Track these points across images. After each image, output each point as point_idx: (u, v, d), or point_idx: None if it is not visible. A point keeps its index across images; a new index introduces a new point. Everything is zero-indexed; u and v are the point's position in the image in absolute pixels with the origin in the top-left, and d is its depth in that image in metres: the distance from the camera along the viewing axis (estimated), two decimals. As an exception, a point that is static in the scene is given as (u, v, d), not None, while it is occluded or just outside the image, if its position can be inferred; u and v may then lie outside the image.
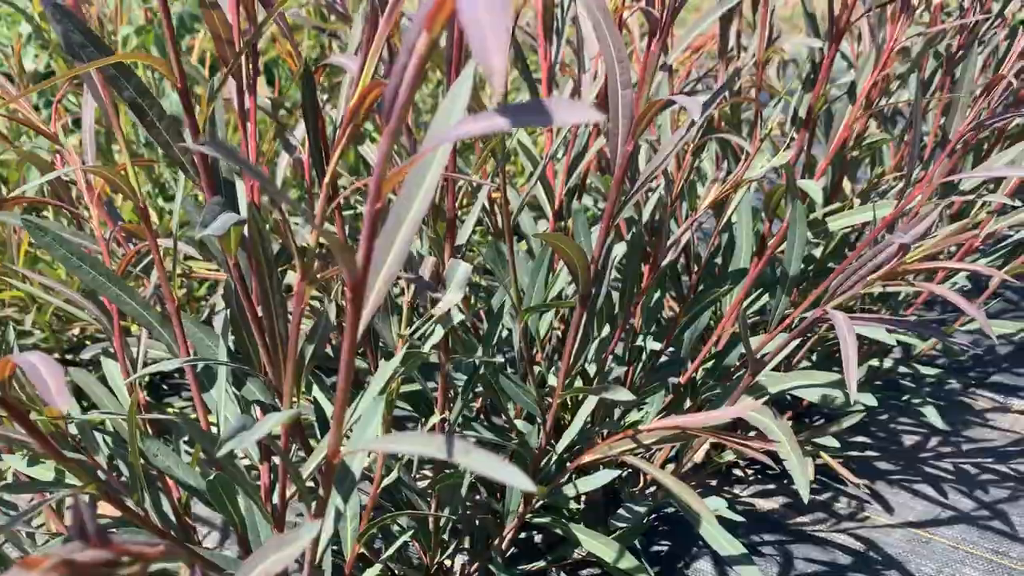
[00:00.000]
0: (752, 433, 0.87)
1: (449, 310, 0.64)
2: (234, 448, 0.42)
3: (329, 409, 0.76)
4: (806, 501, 0.65)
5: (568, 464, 0.74)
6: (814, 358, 1.13)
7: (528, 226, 1.02)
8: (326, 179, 0.40)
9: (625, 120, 0.62)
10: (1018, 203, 0.78)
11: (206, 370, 0.80)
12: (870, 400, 0.78)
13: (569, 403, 1.03)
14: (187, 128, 0.68)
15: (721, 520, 1.02)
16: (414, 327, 0.63)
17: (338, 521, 0.72)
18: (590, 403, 0.78)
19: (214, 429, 0.74)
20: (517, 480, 0.34)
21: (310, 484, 0.57)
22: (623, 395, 0.66)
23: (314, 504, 0.46)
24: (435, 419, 0.68)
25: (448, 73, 0.64)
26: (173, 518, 0.79)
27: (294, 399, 0.67)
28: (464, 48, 0.62)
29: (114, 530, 0.69)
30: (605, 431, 0.99)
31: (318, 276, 0.47)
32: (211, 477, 0.60)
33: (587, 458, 0.71)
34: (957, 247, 1.19)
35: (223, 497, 0.65)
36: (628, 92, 0.61)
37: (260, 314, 0.57)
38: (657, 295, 1.10)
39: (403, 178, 0.35)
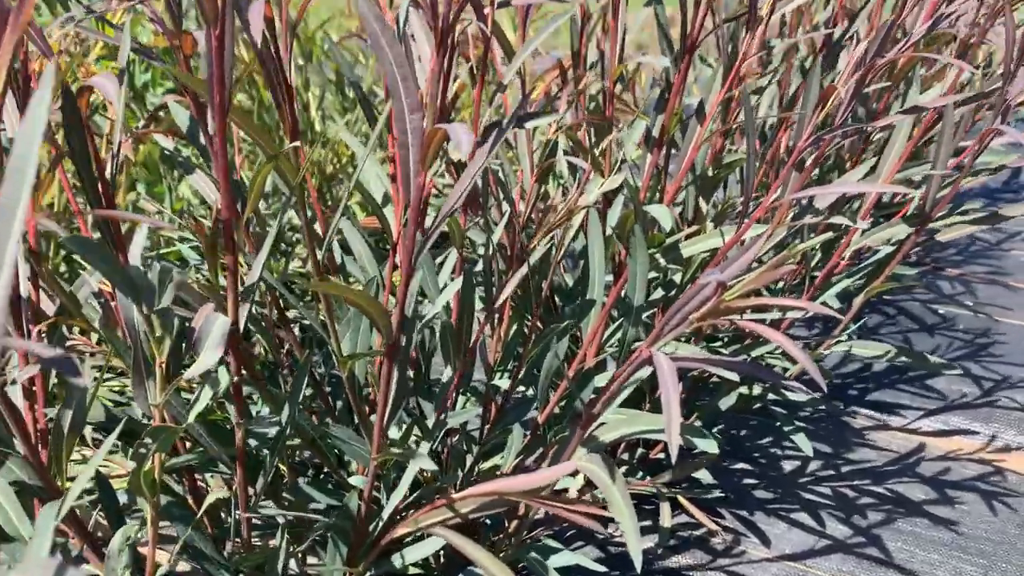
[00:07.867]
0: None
1: (216, 372, 0.54)
2: None
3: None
4: (638, 568, 0.58)
5: (385, 537, 0.65)
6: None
7: (367, 260, 0.93)
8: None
9: (415, 148, 0.54)
10: (866, 226, 0.74)
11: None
12: (712, 447, 0.72)
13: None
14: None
15: (582, 570, 0.95)
16: (171, 390, 0.53)
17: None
18: (416, 464, 0.69)
19: None
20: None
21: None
22: (426, 463, 0.59)
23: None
24: (217, 495, 0.58)
25: (211, 96, 0.55)
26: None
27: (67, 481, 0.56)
28: (224, 67, 0.53)
29: None
30: (456, 482, 0.91)
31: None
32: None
33: (400, 531, 0.62)
34: (823, 265, 1.15)
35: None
36: (416, 116, 0.53)
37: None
38: (516, 327, 1.02)
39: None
